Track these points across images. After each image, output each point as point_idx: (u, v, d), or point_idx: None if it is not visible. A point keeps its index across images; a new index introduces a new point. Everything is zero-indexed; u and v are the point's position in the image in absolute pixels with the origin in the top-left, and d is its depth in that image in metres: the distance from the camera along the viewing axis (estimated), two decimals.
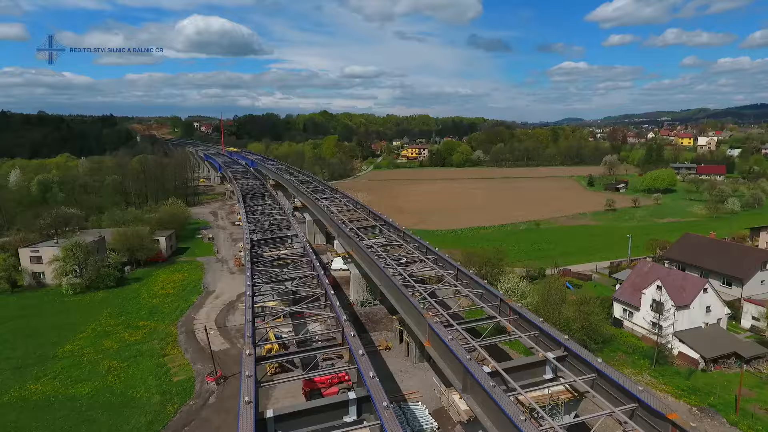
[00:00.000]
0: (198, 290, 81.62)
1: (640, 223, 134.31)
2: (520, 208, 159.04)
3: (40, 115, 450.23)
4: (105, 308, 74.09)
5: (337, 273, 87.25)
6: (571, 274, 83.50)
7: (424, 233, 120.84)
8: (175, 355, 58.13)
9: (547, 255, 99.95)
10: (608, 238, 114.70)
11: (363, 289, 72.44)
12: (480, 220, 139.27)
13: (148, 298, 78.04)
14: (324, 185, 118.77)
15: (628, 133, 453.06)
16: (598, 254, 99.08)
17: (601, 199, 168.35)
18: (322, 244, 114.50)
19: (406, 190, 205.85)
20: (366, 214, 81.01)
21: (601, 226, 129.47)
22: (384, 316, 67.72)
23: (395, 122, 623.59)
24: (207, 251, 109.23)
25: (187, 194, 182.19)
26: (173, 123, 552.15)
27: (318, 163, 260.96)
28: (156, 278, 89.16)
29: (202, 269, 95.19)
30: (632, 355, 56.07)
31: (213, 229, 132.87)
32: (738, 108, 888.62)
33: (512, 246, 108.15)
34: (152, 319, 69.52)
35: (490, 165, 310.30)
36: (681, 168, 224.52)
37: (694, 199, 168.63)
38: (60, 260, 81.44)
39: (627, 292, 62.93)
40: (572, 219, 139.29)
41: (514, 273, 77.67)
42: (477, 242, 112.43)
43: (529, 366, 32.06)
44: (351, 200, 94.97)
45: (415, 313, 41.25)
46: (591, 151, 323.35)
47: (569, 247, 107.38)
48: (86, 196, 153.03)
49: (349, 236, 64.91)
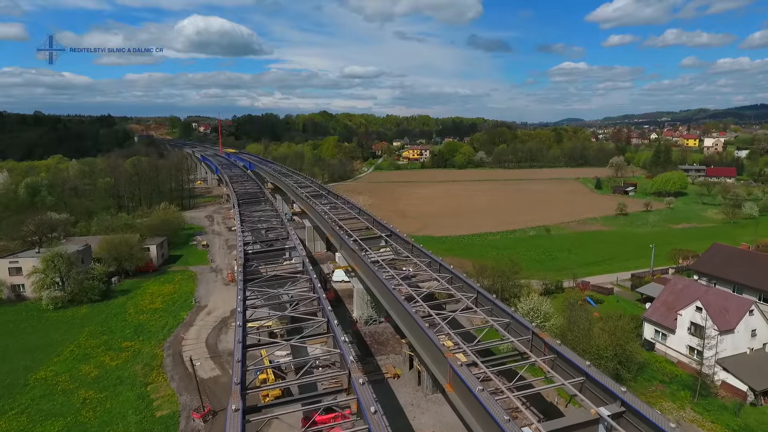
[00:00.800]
0: (189, 305, 75.68)
1: (654, 228, 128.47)
2: (527, 212, 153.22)
3: (37, 115, 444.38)
4: (87, 325, 68.13)
5: (339, 285, 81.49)
6: (590, 287, 77.62)
7: (429, 240, 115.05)
8: (159, 384, 52.19)
9: (562, 265, 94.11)
10: (624, 246, 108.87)
11: (367, 305, 66.61)
12: (486, 225, 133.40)
13: (134, 314, 72.07)
14: (324, 189, 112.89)
15: (632, 134, 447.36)
16: (615, 264, 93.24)
17: (611, 203, 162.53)
18: (323, 252, 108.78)
19: (408, 193, 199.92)
20: (370, 222, 75.12)
21: (614, 233, 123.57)
22: (391, 336, 61.87)
23: (395, 122, 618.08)
24: (201, 259, 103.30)
25: (183, 197, 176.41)
26: (172, 123, 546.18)
27: (318, 164, 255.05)
28: (145, 291, 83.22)
29: (195, 280, 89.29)
30: (670, 385, 50.22)
31: (208, 235, 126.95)
32: (738, 108, 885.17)
33: (523, 254, 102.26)
34: (137, 338, 63.57)
35: (492, 166, 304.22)
36: (690, 170, 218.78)
37: (707, 203, 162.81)
38: (40, 272, 75.48)
39: (659, 312, 57.07)
40: (583, 224, 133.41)
41: (532, 287, 71.92)
42: (485, 250, 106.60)
43: (578, 427, 26.18)
44: (353, 207, 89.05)
45: (432, 348, 35.39)
46: (595, 152, 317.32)
47: (584, 255, 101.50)
48: (77, 200, 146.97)
49: (352, 249, 59.03)
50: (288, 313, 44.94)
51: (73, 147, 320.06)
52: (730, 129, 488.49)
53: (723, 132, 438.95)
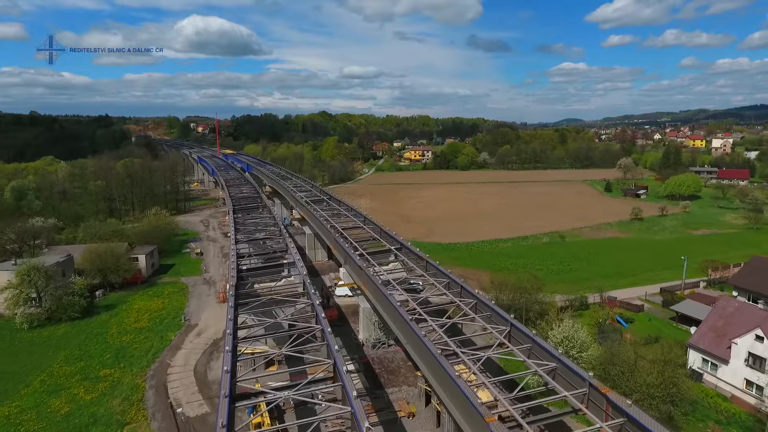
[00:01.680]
0: (178, 323, 68.90)
1: (672, 235, 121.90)
2: (536, 216, 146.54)
3: (32, 115, 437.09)
4: (63, 348, 61.35)
5: (343, 300, 74.82)
6: (617, 303, 70.95)
7: (436, 248, 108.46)
8: (139, 424, 45.43)
9: (581, 277, 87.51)
10: (644, 254, 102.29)
11: (374, 327, 59.96)
12: (495, 231, 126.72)
13: (117, 335, 65.26)
14: (325, 194, 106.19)
15: (636, 134, 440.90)
16: (640, 275, 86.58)
17: (623, 207, 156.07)
18: (324, 261, 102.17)
19: (411, 196, 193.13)
20: (377, 233, 68.32)
21: (631, 240, 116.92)
22: (403, 363, 55.17)
23: (395, 123, 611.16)
24: (194, 269, 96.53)
25: (178, 200, 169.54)
26: (170, 123, 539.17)
27: (317, 165, 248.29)
28: (131, 306, 76.41)
29: (186, 293, 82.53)
30: (727, 426, 43.62)
31: (203, 241, 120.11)
32: (738, 109, 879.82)
33: (538, 264, 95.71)
34: (118, 365, 56.80)
35: (496, 167, 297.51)
36: (702, 172, 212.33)
37: (723, 206, 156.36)
38: (14, 287, 68.66)
39: (708, 339, 50.45)
40: (597, 230, 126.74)
41: (555, 304, 65.27)
42: (497, 259, 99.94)
43: None
44: (358, 214, 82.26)
45: (462, 400, 28.73)
46: (600, 153, 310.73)
47: (603, 265, 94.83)
48: (66, 204, 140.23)
49: (359, 266, 52.30)
50: (287, 348, 38.19)
51: (69, 148, 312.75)
52: (734, 130, 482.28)
53: (728, 133, 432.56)
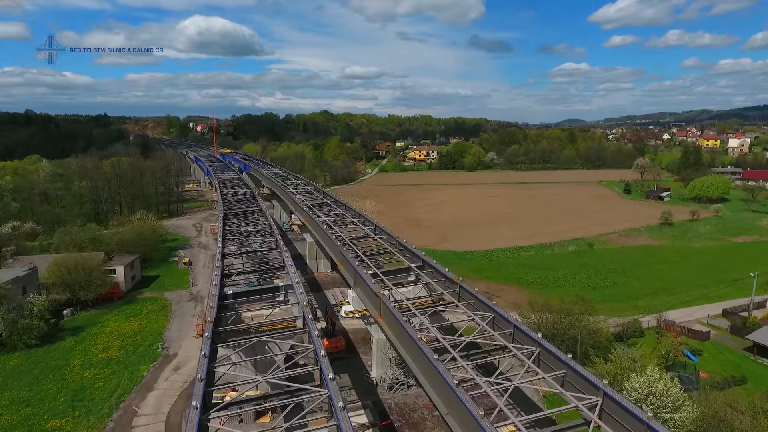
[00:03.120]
0: (153, 352, 57.83)
1: (710, 242, 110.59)
2: (555, 220, 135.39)
3: (28, 113, 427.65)
4: (10, 388, 50.15)
5: (350, 322, 63.53)
6: (677, 329, 59.71)
7: (452, 257, 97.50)
8: None
9: (623, 293, 76.30)
10: (688, 266, 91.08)
11: (391, 363, 48.87)
12: (513, 237, 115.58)
13: (79, 369, 54.13)
14: (329, 197, 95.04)
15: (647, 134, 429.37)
16: (691, 292, 75.42)
17: (647, 210, 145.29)
18: (327, 272, 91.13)
19: (418, 198, 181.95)
20: (392, 245, 56.95)
21: (667, 248, 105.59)
22: (429, 414, 43.96)
23: (397, 122, 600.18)
24: (180, 282, 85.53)
25: (170, 202, 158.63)
26: (169, 123, 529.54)
27: (319, 165, 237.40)
28: (102, 328, 65.35)
29: (168, 312, 71.50)
30: None
31: (193, 248, 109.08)
32: (741, 109, 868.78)
33: (570, 277, 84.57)
34: (72, 412, 45.64)
35: (504, 168, 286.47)
36: (726, 173, 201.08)
37: (757, 210, 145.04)
38: None
39: None
40: (626, 237, 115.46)
41: (607, 331, 54.12)
42: (523, 271, 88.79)
43: None
44: (367, 221, 70.92)
45: None
46: (612, 153, 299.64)
47: (644, 279, 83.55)
48: (46, 207, 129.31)
49: (374, 292, 41.07)
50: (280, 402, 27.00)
51: (62, 147, 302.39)
52: (745, 130, 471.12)
53: (739, 133, 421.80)
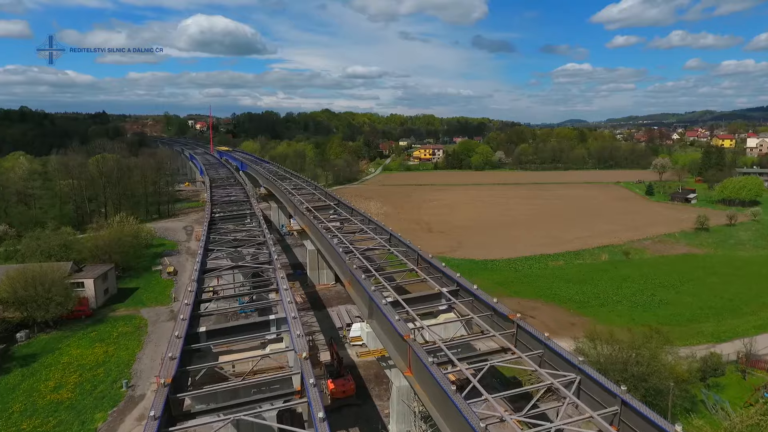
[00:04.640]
0: (116, 393, 46.41)
1: (758, 251, 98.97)
2: (579, 225, 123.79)
3: (22, 110, 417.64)
4: None
5: (359, 352, 52.03)
6: (762, 365, 48.20)
7: (471, 266, 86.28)
8: None
9: (680, 314, 64.74)
10: (744, 277, 79.59)
11: (417, 418, 37.42)
12: (536, 243, 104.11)
13: (17, 417, 42.74)
14: (332, 198, 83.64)
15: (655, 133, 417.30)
16: (762, 313, 63.87)
17: (674, 213, 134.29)
18: (330, 285, 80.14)
19: (426, 199, 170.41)
20: (414, 262, 45.18)
21: (712, 257, 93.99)
22: None
23: (399, 121, 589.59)
24: (160, 296, 74.38)
25: (161, 202, 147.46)
26: (168, 121, 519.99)
27: (320, 165, 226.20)
28: (59, 357, 54.08)
29: (143, 335, 60.27)
30: None
31: (180, 255, 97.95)
32: (744, 110, 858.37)
33: (613, 293, 73.14)
34: None
35: (512, 167, 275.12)
36: (752, 173, 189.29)
37: None
38: None
39: None
40: (662, 244, 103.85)
41: (684, 369, 42.65)
42: (556, 285, 77.28)
43: None
44: (379, 229, 59.29)
45: None
46: (626, 153, 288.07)
47: (700, 295, 71.75)
48: (22, 209, 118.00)
49: (400, 335, 29.57)
50: None
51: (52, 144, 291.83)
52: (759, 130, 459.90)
53: (752, 133, 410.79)
